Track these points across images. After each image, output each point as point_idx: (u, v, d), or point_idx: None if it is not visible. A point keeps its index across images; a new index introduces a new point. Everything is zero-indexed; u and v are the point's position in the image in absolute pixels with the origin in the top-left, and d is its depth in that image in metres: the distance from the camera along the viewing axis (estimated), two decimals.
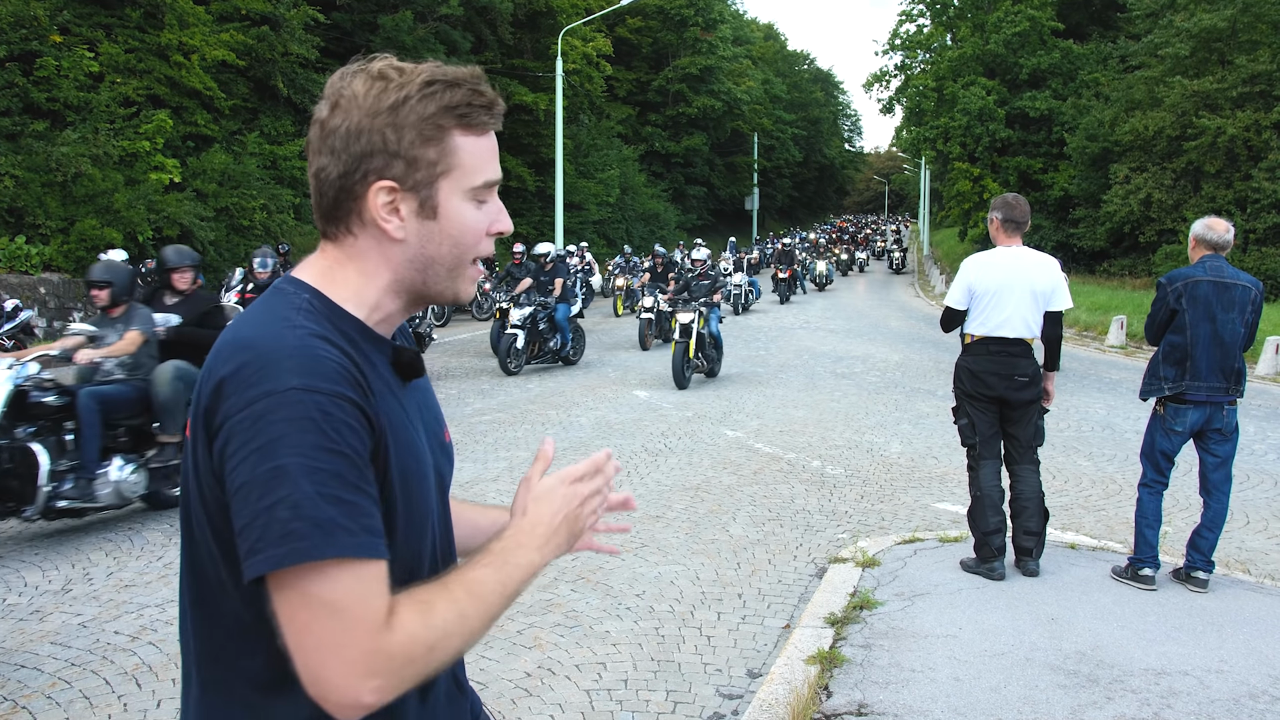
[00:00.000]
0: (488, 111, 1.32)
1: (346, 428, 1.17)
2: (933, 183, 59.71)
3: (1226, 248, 5.51)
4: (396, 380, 1.36)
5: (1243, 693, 4.13)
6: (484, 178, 1.33)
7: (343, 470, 1.15)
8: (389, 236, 1.31)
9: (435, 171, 1.30)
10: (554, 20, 39.45)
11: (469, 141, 1.31)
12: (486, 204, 1.35)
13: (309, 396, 1.15)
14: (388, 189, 1.29)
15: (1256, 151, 29.52)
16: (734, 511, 7.31)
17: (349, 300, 1.33)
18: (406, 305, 1.39)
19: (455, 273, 1.36)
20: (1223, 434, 5.44)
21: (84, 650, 4.63)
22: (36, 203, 17.69)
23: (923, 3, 49.97)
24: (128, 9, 21.66)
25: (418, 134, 1.28)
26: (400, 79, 1.29)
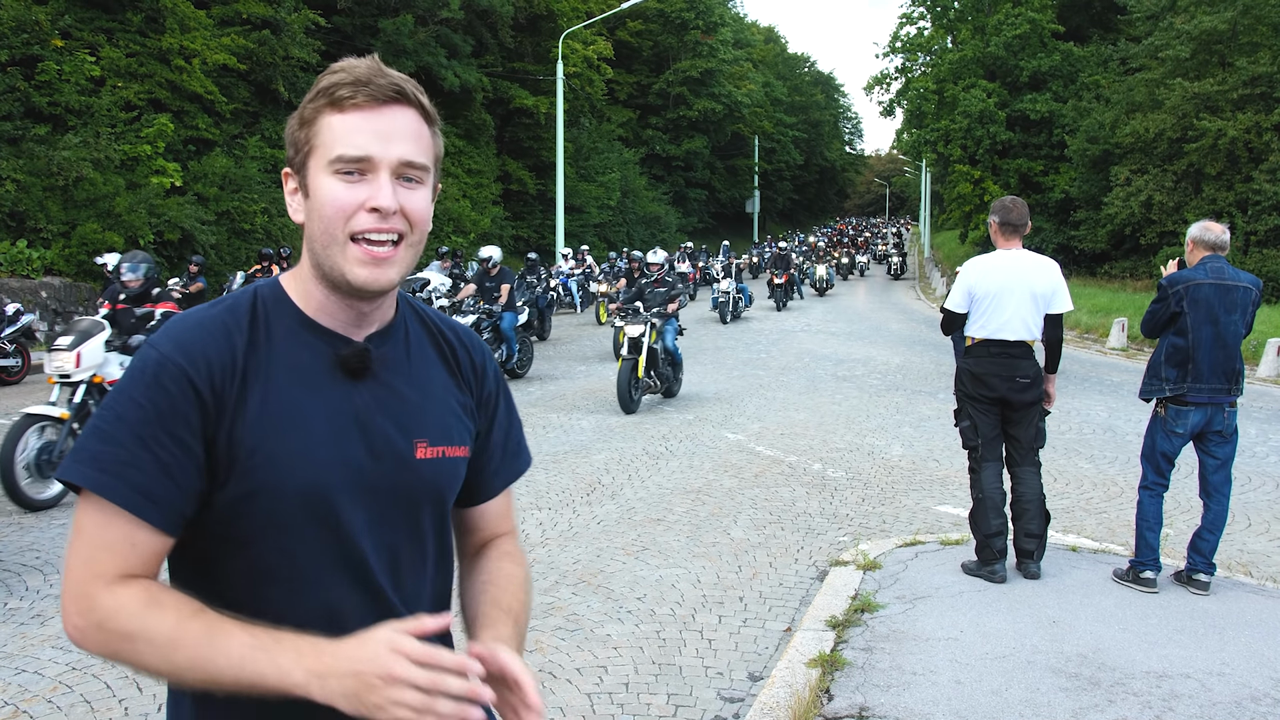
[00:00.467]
0: (352, 88, 1.31)
1: (160, 388, 1.26)
2: (933, 185, 59.72)
3: (1225, 248, 5.52)
4: (335, 374, 1.37)
5: (1244, 695, 4.12)
6: (338, 150, 1.30)
7: (134, 420, 1.24)
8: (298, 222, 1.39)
9: (305, 150, 1.35)
10: (555, 23, 39.54)
11: (335, 119, 1.32)
12: (360, 181, 1.31)
13: (153, 355, 1.29)
14: (286, 175, 1.40)
15: (1257, 153, 29.52)
16: (735, 514, 7.31)
17: (295, 290, 1.41)
18: (331, 290, 1.38)
19: (331, 250, 1.32)
20: (1223, 436, 5.44)
21: (85, 654, 4.63)
22: (38, 207, 17.71)
23: (923, 5, 49.99)
24: (129, 13, 21.70)
25: (299, 120, 1.36)
26: (319, 77, 1.37)
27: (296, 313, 1.39)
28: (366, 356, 1.38)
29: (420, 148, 1.36)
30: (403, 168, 1.33)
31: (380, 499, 1.37)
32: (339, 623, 1.32)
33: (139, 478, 1.24)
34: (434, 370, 1.50)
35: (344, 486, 1.33)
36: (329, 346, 1.38)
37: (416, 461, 1.40)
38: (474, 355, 1.57)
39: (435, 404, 1.46)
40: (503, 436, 1.61)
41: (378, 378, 1.40)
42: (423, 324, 1.54)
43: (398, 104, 1.34)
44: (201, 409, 1.28)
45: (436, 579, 1.50)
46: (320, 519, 1.32)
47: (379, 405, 1.39)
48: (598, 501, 7.58)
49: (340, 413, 1.35)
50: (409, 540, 1.42)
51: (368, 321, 1.42)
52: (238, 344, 1.32)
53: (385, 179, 1.31)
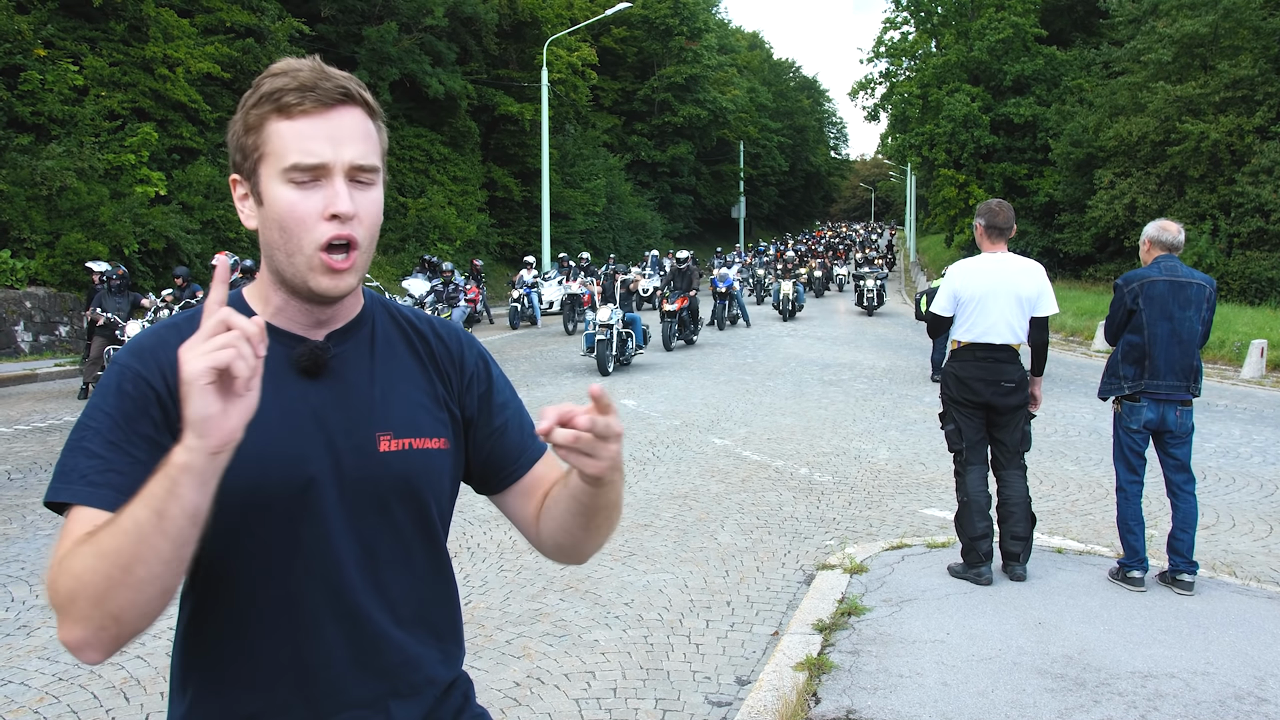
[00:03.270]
0: (299, 94, 1.30)
1: (122, 394, 1.31)
2: (918, 189, 59.96)
3: (1179, 249, 5.63)
4: (291, 374, 1.38)
5: (1228, 694, 4.15)
6: (292, 159, 1.30)
7: (104, 429, 1.29)
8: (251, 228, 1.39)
9: (255, 158, 1.35)
10: (539, 30, 39.58)
11: (283, 125, 1.31)
12: (315, 187, 1.31)
13: (114, 367, 1.35)
14: (235, 181, 1.40)
15: (1239, 156, 29.72)
16: (722, 519, 7.32)
17: (255, 297, 1.44)
18: (289, 296, 1.40)
19: (294, 260, 1.33)
20: (1177, 436, 5.51)
21: (71, 665, 4.61)
22: (21, 217, 17.62)
23: (907, 10, 50.19)
24: (112, 22, 21.61)
25: (244, 125, 1.35)
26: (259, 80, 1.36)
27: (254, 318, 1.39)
28: (320, 354, 1.39)
29: (370, 147, 1.36)
30: (355, 171, 1.33)
31: (347, 493, 1.38)
32: (296, 615, 1.36)
33: (119, 479, 1.26)
34: (401, 364, 1.49)
35: (301, 481, 1.34)
36: (285, 348, 1.39)
37: (380, 454, 1.40)
38: (450, 345, 1.57)
39: (400, 397, 1.46)
40: (508, 422, 1.60)
41: (337, 374, 1.41)
42: (392, 320, 1.54)
43: (344, 105, 1.34)
44: (162, 407, 1.32)
45: (432, 584, 1.49)
46: (273, 514, 1.33)
47: (337, 401, 1.40)
48: None
49: (295, 411, 1.37)
50: (386, 537, 1.42)
51: (328, 321, 1.44)
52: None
53: (340, 184, 1.32)
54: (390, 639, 1.42)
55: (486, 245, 34.90)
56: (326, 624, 1.37)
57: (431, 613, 1.49)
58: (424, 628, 1.47)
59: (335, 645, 1.38)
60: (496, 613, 5.38)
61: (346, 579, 1.38)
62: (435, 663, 1.48)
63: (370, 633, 1.40)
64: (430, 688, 1.47)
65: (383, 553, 1.41)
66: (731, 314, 24.77)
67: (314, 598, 1.36)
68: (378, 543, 1.41)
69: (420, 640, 1.46)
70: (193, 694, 1.40)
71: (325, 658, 1.37)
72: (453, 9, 32.93)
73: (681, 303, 19.50)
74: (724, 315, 24.40)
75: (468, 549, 6.51)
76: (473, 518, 7.15)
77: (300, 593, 1.36)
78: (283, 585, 1.35)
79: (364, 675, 1.40)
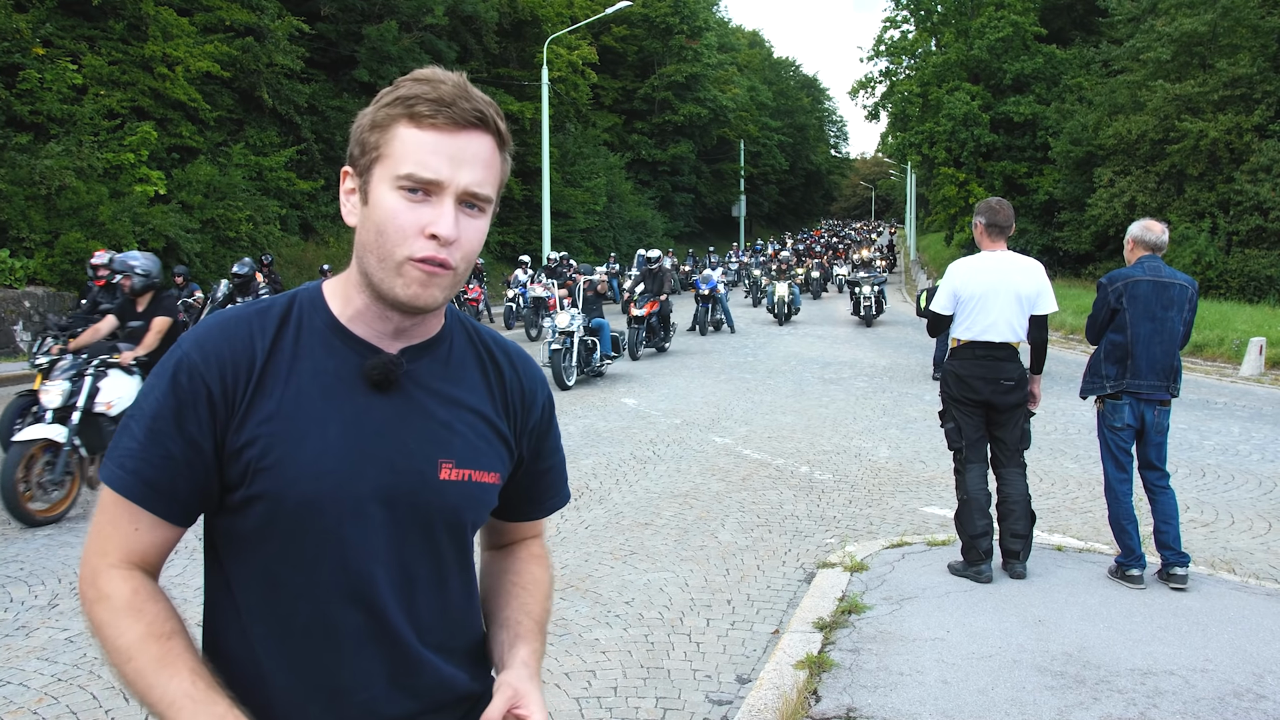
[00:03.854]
0: (434, 105, 1.27)
1: (176, 385, 1.30)
2: (919, 188, 59.93)
3: (1163, 249, 5.67)
4: (360, 385, 1.35)
5: (1227, 691, 4.15)
6: (408, 168, 1.27)
7: (148, 415, 1.30)
8: (351, 224, 1.37)
9: (372, 156, 1.31)
10: (539, 29, 39.55)
11: (409, 133, 1.28)
12: (424, 201, 1.28)
13: (176, 351, 1.33)
14: (346, 174, 1.36)
15: (1238, 154, 29.70)
16: (723, 518, 7.32)
17: (336, 294, 1.40)
18: (372, 300, 1.35)
19: (385, 265, 1.29)
20: (1154, 434, 5.58)
21: (71, 665, 4.62)
22: (20, 216, 17.60)
23: (906, 9, 50.17)
24: (111, 21, 21.60)
25: (371, 121, 1.32)
26: (400, 79, 1.33)
27: (330, 319, 1.38)
28: (393, 368, 1.35)
29: (489, 176, 1.32)
30: (468, 196, 1.30)
31: (397, 516, 1.35)
32: (334, 637, 1.33)
33: (148, 471, 1.28)
34: (473, 391, 1.46)
35: (353, 499, 1.31)
36: (358, 356, 1.36)
37: (439, 482, 1.37)
38: (524, 381, 1.53)
39: (467, 426, 1.42)
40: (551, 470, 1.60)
41: (407, 392, 1.38)
42: (471, 342, 1.50)
43: (476, 129, 1.31)
44: (211, 407, 1.30)
45: (462, 608, 1.48)
46: (322, 530, 1.30)
47: (403, 420, 1.36)
48: (585, 506, 7.58)
49: (358, 424, 1.33)
50: (427, 562, 1.39)
51: (406, 334, 1.40)
52: (258, 346, 1.33)
53: (449, 206, 1.29)
54: (424, 661, 1.40)
55: (487, 244, 34.86)
56: (365, 644, 1.35)
57: (460, 637, 1.48)
58: (451, 650, 1.45)
59: (373, 665, 1.35)
60: None
61: (384, 600, 1.35)
62: (465, 682, 1.47)
63: (405, 654, 1.37)
64: (461, 705, 1.47)
65: (420, 577, 1.39)
66: (715, 319, 23.31)
67: (352, 617, 1.34)
68: (417, 567, 1.38)
69: (449, 661, 1.44)
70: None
71: (364, 678, 1.35)
72: (453, 8, 32.92)
73: (651, 307, 17.91)
74: (706, 320, 22.82)
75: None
76: None
77: (338, 611, 1.33)
78: (324, 600, 1.33)
79: (399, 695, 1.38)
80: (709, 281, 22.76)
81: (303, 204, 26.83)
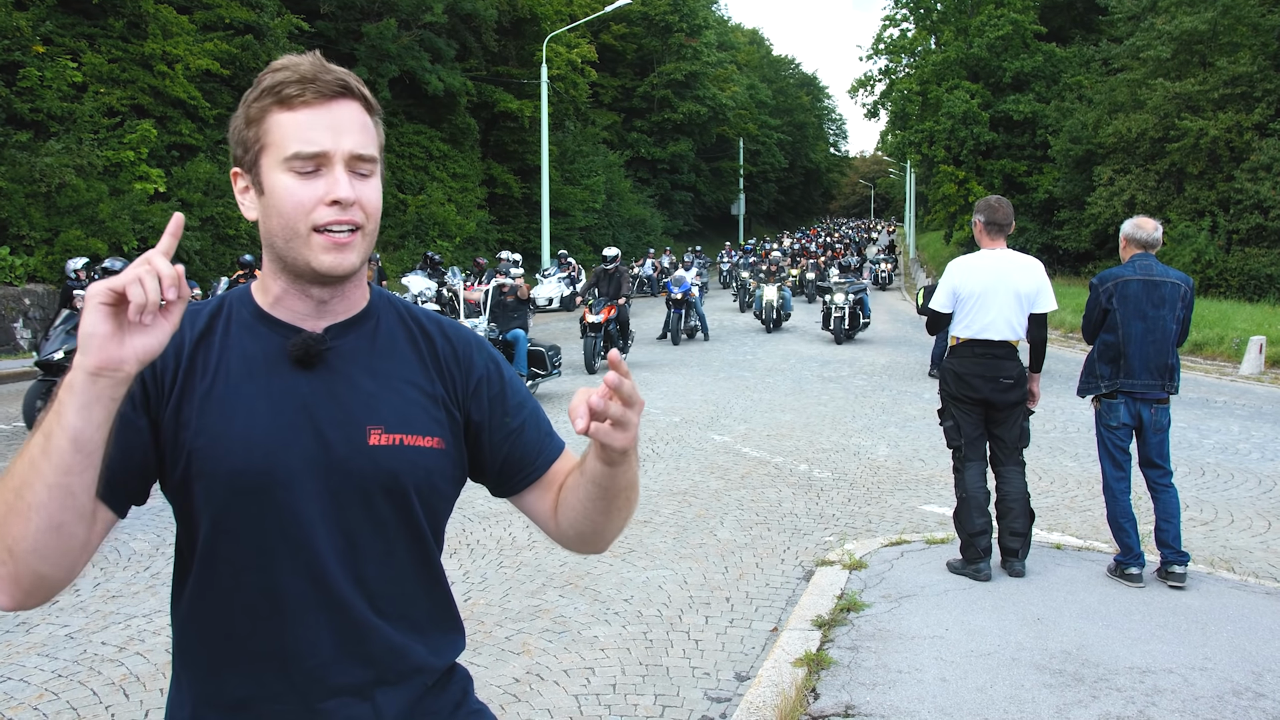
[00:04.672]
0: (299, 85, 1.34)
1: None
2: (918, 186, 59.94)
3: (1156, 246, 5.66)
4: (285, 364, 1.40)
5: (1226, 690, 4.16)
6: (293, 148, 1.33)
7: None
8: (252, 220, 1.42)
9: (256, 150, 1.38)
10: (538, 27, 39.52)
11: (284, 116, 1.35)
12: (315, 175, 1.35)
13: None
14: (235, 175, 1.42)
15: (1238, 152, 29.72)
16: (721, 516, 7.32)
17: (258, 288, 1.46)
18: (291, 282, 1.42)
19: (293, 243, 1.36)
20: (1153, 431, 5.56)
21: (71, 661, 4.62)
22: (20, 214, 17.60)
23: (906, 7, 50.18)
24: (111, 19, 21.59)
25: (245, 119, 1.38)
26: (260, 75, 1.39)
27: (255, 309, 1.44)
28: (313, 344, 1.40)
29: (368, 139, 1.38)
30: (354, 161, 1.36)
31: (333, 484, 1.38)
32: (280, 602, 1.38)
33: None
34: (402, 362, 1.49)
35: (287, 470, 1.36)
36: (281, 337, 1.42)
37: (369, 448, 1.40)
38: (457, 346, 1.55)
39: (396, 393, 1.45)
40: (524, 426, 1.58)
41: (332, 367, 1.42)
42: (400, 319, 1.54)
43: (343, 98, 1.37)
44: (142, 388, 1.34)
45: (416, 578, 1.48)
46: (258, 501, 1.35)
47: (330, 393, 1.41)
48: None
49: (285, 401, 1.38)
50: (369, 530, 1.41)
51: (328, 312, 1.44)
52: (186, 335, 1.40)
53: (340, 172, 1.35)
54: (374, 628, 1.42)
55: (486, 242, 34.87)
56: (309, 611, 1.38)
57: (414, 606, 1.49)
58: (406, 620, 1.47)
59: (319, 633, 1.38)
60: (496, 609, 5.38)
61: (328, 568, 1.38)
62: (422, 653, 1.48)
63: (353, 621, 1.40)
64: (418, 676, 1.47)
65: (364, 545, 1.41)
66: (689, 325, 21.13)
67: (297, 585, 1.37)
68: (359, 535, 1.41)
69: (403, 631, 1.46)
70: (188, 679, 1.43)
71: (310, 645, 1.38)
72: (452, 6, 32.89)
73: (608, 313, 15.78)
74: (679, 327, 20.35)
75: (467, 545, 6.52)
76: (472, 514, 7.15)
77: (283, 580, 1.37)
78: (266, 572, 1.37)
79: (349, 663, 1.40)
80: (681, 284, 20.37)
81: None
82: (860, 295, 21.22)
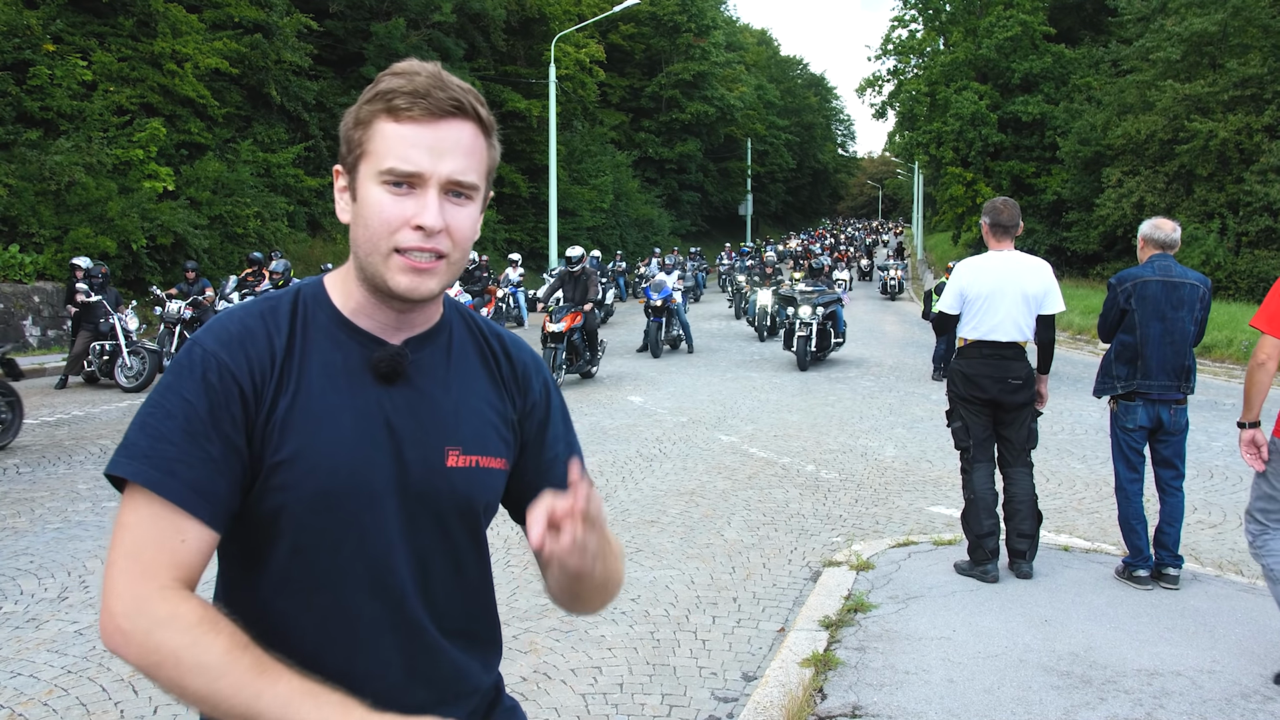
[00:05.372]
0: (410, 98, 1.29)
1: (208, 385, 1.28)
2: (926, 187, 59.80)
3: (1174, 246, 5.62)
4: (367, 377, 1.37)
5: (1235, 693, 4.15)
6: (389, 163, 1.29)
7: (181, 415, 1.26)
8: (345, 221, 1.39)
9: (358, 154, 1.34)
10: (547, 27, 39.55)
11: (389, 127, 1.30)
12: (408, 194, 1.30)
13: (196, 351, 1.31)
14: (338, 172, 1.39)
15: (1248, 155, 29.60)
16: (728, 516, 7.33)
17: (337, 288, 1.42)
18: (371, 293, 1.37)
19: (373, 258, 1.32)
20: (1171, 433, 5.52)
21: (80, 657, 4.64)
22: (30, 211, 17.68)
23: (914, 8, 50.07)
24: (120, 18, 21.67)
25: (355, 119, 1.35)
26: (380, 75, 1.36)
27: (334, 313, 1.40)
28: (399, 360, 1.37)
29: (472, 163, 1.34)
30: (451, 185, 1.32)
31: (409, 505, 1.36)
32: (353, 623, 1.34)
33: (190, 473, 1.24)
34: (475, 378, 1.47)
35: (368, 490, 1.32)
36: (363, 348, 1.38)
37: (447, 469, 1.38)
38: (517, 365, 1.54)
39: (472, 412, 1.44)
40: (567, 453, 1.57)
41: (412, 382, 1.39)
42: (469, 331, 1.52)
43: (455, 118, 1.32)
44: (244, 405, 1.29)
45: (477, 597, 1.48)
46: (339, 520, 1.31)
47: (411, 410, 1.38)
48: None
49: (368, 415, 1.35)
50: (441, 550, 1.40)
51: (407, 325, 1.41)
52: (276, 343, 1.35)
53: (433, 196, 1.31)
54: (442, 650, 1.40)
55: (493, 241, 34.90)
56: (383, 634, 1.35)
57: (474, 625, 1.48)
58: (468, 639, 1.46)
59: (391, 655, 1.36)
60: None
61: (405, 590, 1.36)
62: (479, 672, 1.48)
63: (424, 643, 1.38)
64: (474, 695, 1.47)
65: (435, 566, 1.40)
66: (670, 335, 18.81)
67: (372, 608, 1.35)
68: (432, 555, 1.39)
69: (464, 650, 1.45)
70: None
71: (380, 668, 1.36)
72: (460, 5, 32.95)
73: (572, 320, 13.97)
74: (659, 337, 18.09)
75: None
76: None
77: (358, 600, 1.34)
78: (341, 591, 1.33)
79: (415, 685, 1.39)
80: (661, 289, 18.23)
81: (310, 200, 26.86)
82: (832, 308, 17.31)
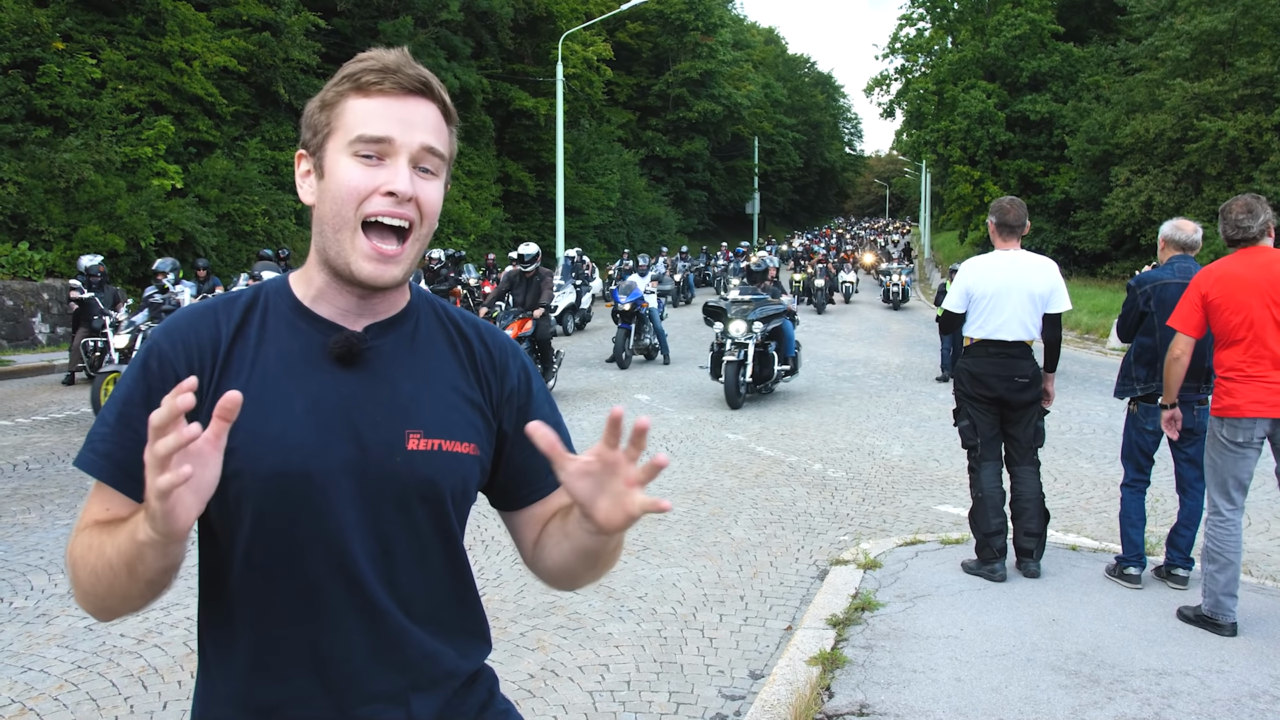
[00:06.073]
0: (379, 74, 1.33)
1: (146, 370, 1.36)
2: (933, 186, 59.70)
3: (1195, 248, 5.59)
4: (325, 362, 1.38)
5: (1243, 693, 4.14)
6: (360, 130, 1.31)
7: (120, 400, 1.36)
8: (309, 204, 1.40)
9: (324, 133, 1.36)
10: (554, 25, 39.60)
11: (359, 102, 1.33)
12: (378, 164, 1.33)
13: (147, 342, 1.40)
14: (300, 157, 1.41)
15: (1257, 154, 29.52)
16: (736, 514, 7.33)
17: (299, 281, 1.44)
18: (333, 277, 1.39)
19: (341, 235, 1.33)
20: (1193, 433, 5.49)
21: (90, 653, 4.66)
22: (39, 209, 17.75)
23: (922, 6, 50.02)
24: (129, 16, 21.73)
25: (320, 102, 1.37)
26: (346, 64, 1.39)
27: (295, 303, 1.42)
28: (355, 343, 1.37)
29: (440, 139, 1.37)
30: (422, 153, 1.34)
31: (369, 488, 1.35)
32: (315, 606, 1.35)
33: (119, 453, 1.33)
34: (441, 364, 1.46)
35: (324, 472, 1.33)
36: (321, 334, 1.39)
37: (408, 452, 1.38)
38: (494, 352, 1.53)
39: (437, 398, 1.43)
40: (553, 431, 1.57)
41: (373, 368, 1.39)
42: (438, 319, 1.51)
43: (422, 96, 1.35)
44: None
45: (447, 583, 1.47)
46: (292, 502, 1.32)
47: (369, 395, 1.38)
48: None
49: (324, 400, 1.35)
50: (404, 534, 1.39)
51: (369, 311, 1.42)
52: (223, 330, 1.38)
53: (403, 164, 1.33)
54: (408, 634, 1.40)
55: (500, 239, 34.95)
56: (346, 616, 1.36)
57: (445, 611, 1.47)
58: (438, 625, 1.45)
59: (355, 638, 1.36)
60: (511, 605, 5.40)
61: (362, 573, 1.36)
62: (453, 658, 1.47)
63: (388, 627, 1.38)
64: (449, 681, 1.46)
65: (398, 550, 1.39)
66: (641, 344, 16.61)
67: (333, 589, 1.35)
68: (394, 540, 1.38)
69: (435, 636, 1.44)
70: (216, 678, 1.40)
71: (345, 650, 1.36)
72: (468, 3, 32.98)
73: (520, 328, 12.12)
74: (628, 346, 15.90)
75: (482, 542, 6.54)
76: (487, 510, 7.17)
77: (319, 583, 1.34)
78: (302, 574, 1.34)
79: (384, 669, 1.38)
80: (630, 292, 16.11)
81: None
82: (776, 324, 12.90)
